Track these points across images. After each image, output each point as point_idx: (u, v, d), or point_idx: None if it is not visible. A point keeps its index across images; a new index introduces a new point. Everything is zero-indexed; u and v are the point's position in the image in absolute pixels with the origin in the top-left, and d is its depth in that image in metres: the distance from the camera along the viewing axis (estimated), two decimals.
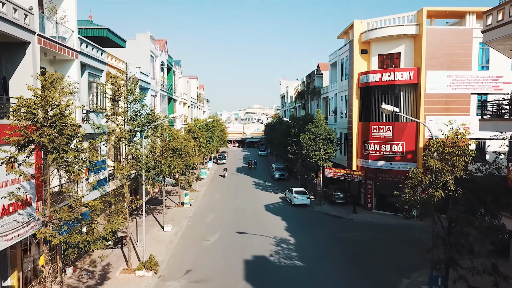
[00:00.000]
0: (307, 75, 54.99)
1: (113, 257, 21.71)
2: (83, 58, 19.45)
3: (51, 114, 11.71)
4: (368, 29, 31.69)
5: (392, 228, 27.67)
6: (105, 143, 20.33)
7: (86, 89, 20.24)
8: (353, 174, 32.85)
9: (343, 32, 36.56)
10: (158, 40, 39.04)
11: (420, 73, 29.04)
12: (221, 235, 25.72)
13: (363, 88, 32.47)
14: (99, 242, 11.33)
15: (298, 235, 25.65)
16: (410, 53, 30.29)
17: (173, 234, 25.98)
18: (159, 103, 38.22)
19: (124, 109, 18.77)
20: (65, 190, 12.42)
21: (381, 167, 30.84)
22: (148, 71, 34.14)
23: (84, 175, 19.44)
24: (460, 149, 14.10)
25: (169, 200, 37.21)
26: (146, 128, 19.73)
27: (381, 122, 31.11)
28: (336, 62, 39.02)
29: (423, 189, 14.60)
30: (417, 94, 29.52)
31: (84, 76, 20.21)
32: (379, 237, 25.38)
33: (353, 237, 25.40)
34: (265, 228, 27.23)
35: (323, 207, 34.13)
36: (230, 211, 32.71)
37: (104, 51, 22.32)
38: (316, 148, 33.89)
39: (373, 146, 31.13)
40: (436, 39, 28.76)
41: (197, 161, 34.68)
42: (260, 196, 39.34)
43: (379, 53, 31.81)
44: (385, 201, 32.81)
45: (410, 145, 29.66)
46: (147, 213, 31.92)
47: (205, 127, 52.45)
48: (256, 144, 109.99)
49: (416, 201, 14.47)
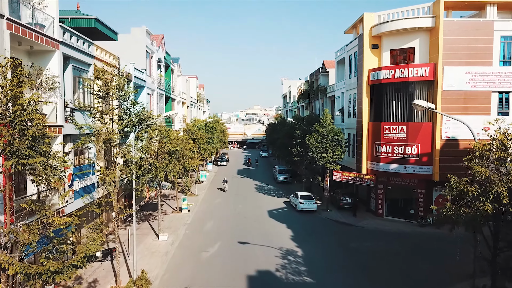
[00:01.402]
0: (311, 73, 52.82)
1: (101, 271, 19.51)
2: (66, 50, 17.28)
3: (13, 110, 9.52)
4: (380, 22, 29.49)
5: (407, 237, 25.44)
6: (92, 145, 18.18)
7: (71, 84, 18.06)
8: (363, 178, 30.62)
9: (351, 26, 34.36)
10: (155, 35, 36.88)
11: (436, 69, 26.85)
12: (221, 246, 23.51)
13: (373, 85, 30.27)
14: (67, 271, 9.09)
15: (306, 246, 23.44)
16: (426, 47, 28.08)
17: (169, 244, 23.78)
18: (156, 102, 36.06)
19: (112, 107, 16.56)
20: (33, 207, 10.13)
21: (394, 171, 28.63)
22: (144, 67, 31.98)
23: (67, 181, 17.30)
24: None
25: (166, 205, 35.01)
26: (137, 128, 17.53)
27: (394, 122, 28.91)
28: (344, 58, 36.83)
29: (467, 202, 12.17)
30: (433, 92, 27.31)
31: (68, 70, 18.04)
32: (394, 248, 23.16)
33: (366, 248, 23.17)
34: (269, 238, 25.03)
35: (330, 213, 31.90)
36: (231, 218, 30.50)
37: (92, 43, 20.15)
38: (323, 150, 31.68)
39: (384, 148, 28.92)
40: (454, 32, 26.57)
41: (196, 164, 32.50)
42: (263, 201, 37.12)
43: (391, 48, 29.60)
44: (397, 206, 30.62)
45: (426, 146, 27.46)
46: (142, 219, 29.75)
47: (204, 128, 50.29)
48: (257, 145, 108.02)
49: (461, 217, 11.92)
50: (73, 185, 17.76)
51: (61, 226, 10.45)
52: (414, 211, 29.14)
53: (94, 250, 9.89)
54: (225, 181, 43.20)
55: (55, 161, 10.26)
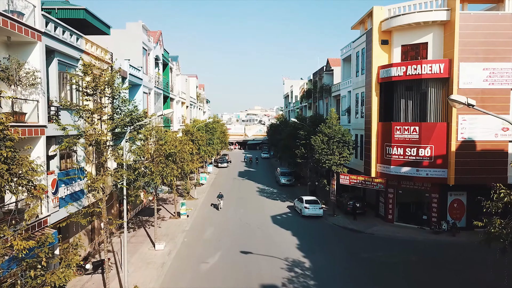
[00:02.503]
0: (314, 72, 51.08)
1: (91, 286, 17.78)
2: (50, 42, 15.57)
3: None
4: (390, 16, 27.76)
5: (422, 245, 23.69)
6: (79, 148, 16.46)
7: (56, 80, 16.34)
8: (373, 181, 28.86)
9: (358, 21, 32.65)
10: (152, 32, 35.16)
11: (452, 66, 25.12)
12: (222, 256, 21.77)
13: (383, 83, 28.53)
14: None
15: (314, 256, 21.70)
16: (439, 43, 26.35)
17: (165, 254, 22.04)
18: (153, 102, 34.35)
19: (100, 105, 14.83)
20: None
21: (405, 174, 26.88)
22: (140, 65, 30.26)
23: (51, 188, 15.59)
24: None
25: (164, 209, 33.28)
26: (129, 128, 15.80)
27: (406, 122, 27.17)
28: (350, 56, 35.11)
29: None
30: (448, 90, 25.58)
31: (53, 65, 16.31)
32: (411, 258, 21.41)
33: (379, 258, 21.39)
34: (273, 246, 23.30)
35: (337, 218, 30.15)
36: (232, 224, 28.76)
37: (81, 36, 18.42)
38: (330, 151, 29.92)
39: (395, 149, 27.18)
40: (471, 26, 24.85)
41: (195, 167, 30.79)
42: (266, 205, 35.37)
43: (403, 44, 27.87)
44: (408, 212, 28.87)
45: (440, 148, 25.72)
46: (138, 225, 28.03)
47: (204, 128, 48.58)
48: (259, 146, 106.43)
49: None
50: (58, 192, 16.03)
51: (33, 244, 8.72)
52: (427, 217, 27.39)
53: (65, 283, 8.13)
54: (220, 196, 33.58)
55: (21, 168, 8.51)
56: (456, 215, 26.78)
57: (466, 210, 26.73)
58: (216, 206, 34.10)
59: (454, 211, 26.85)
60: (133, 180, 20.93)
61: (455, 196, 26.84)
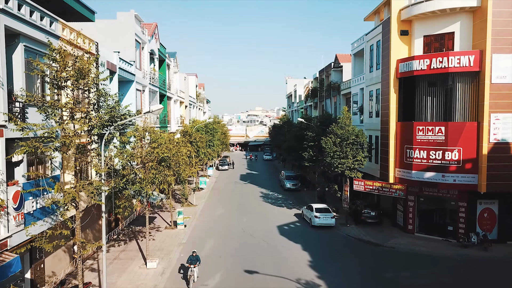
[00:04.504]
0: (321, 69, 48.17)
1: None
2: (11, 23, 12.69)
3: None
4: (410, 4, 24.87)
5: (452, 263, 20.69)
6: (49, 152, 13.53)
7: (21, 71, 13.45)
8: (391, 188, 25.90)
9: (372, 12, 29.74)
10: (147, 24, 32.31)
11: (483, 58, 22.20)
12: (224, 276, 18.82)
13: (403, 79, 25.59)
14: None
15: (329, 276, 18.73)
16: (468, 32, 23.44)
17: (158, 274, 19.09)
18: (148, 100, 31.48)
19: (71, 99, 11.91)
20: None
21: (429, 180, 23.92)
22: (133, 59, 27.38)
23: (13, 202, 12.67)
24: None
25: (160, 218, 30.34)
26: (108, 129, 12.89)
27: (429, 122, 24.23)
28: (363, 50, 32.19)
29: None
30: (479, 85, 22.66)
31: (17, 52, 13.44)
32: (443, 279, 18.45)
33: (406, 280, 18.43)
34: (282, 264, 20.36)
35: (351, 229, 27.17)
36: (234, 235, 25.80)
37: (56, 20, 15.53)
38: (343, 154, 26.97)
39: (418, 152, 24.24)
40: (505, 13, 21.94)
41: (193, 172, 27.87)
42: (271, 212, 32.40)
43: (425, 34, 24.94)
44: (431, 222, 25.88)
45: (470, 151, 22.79)
46: (129, 237, 25.13)
47: (204, 129, 45.67)
48: (260, 147, 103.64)
49: None
50: (23, 206, 13.12)
51: None
52: (453, 228, 24.44)
53: None
54: (194, 260, 17.98)
55: None
56: (487, 226, 23.82)
57: (497, 220, 23.78)
58: (187, 279, 18.01)
59: (484, 221, 23.88)
60: (120, 189, 18.07)
61: (486, 204, 23.88)
